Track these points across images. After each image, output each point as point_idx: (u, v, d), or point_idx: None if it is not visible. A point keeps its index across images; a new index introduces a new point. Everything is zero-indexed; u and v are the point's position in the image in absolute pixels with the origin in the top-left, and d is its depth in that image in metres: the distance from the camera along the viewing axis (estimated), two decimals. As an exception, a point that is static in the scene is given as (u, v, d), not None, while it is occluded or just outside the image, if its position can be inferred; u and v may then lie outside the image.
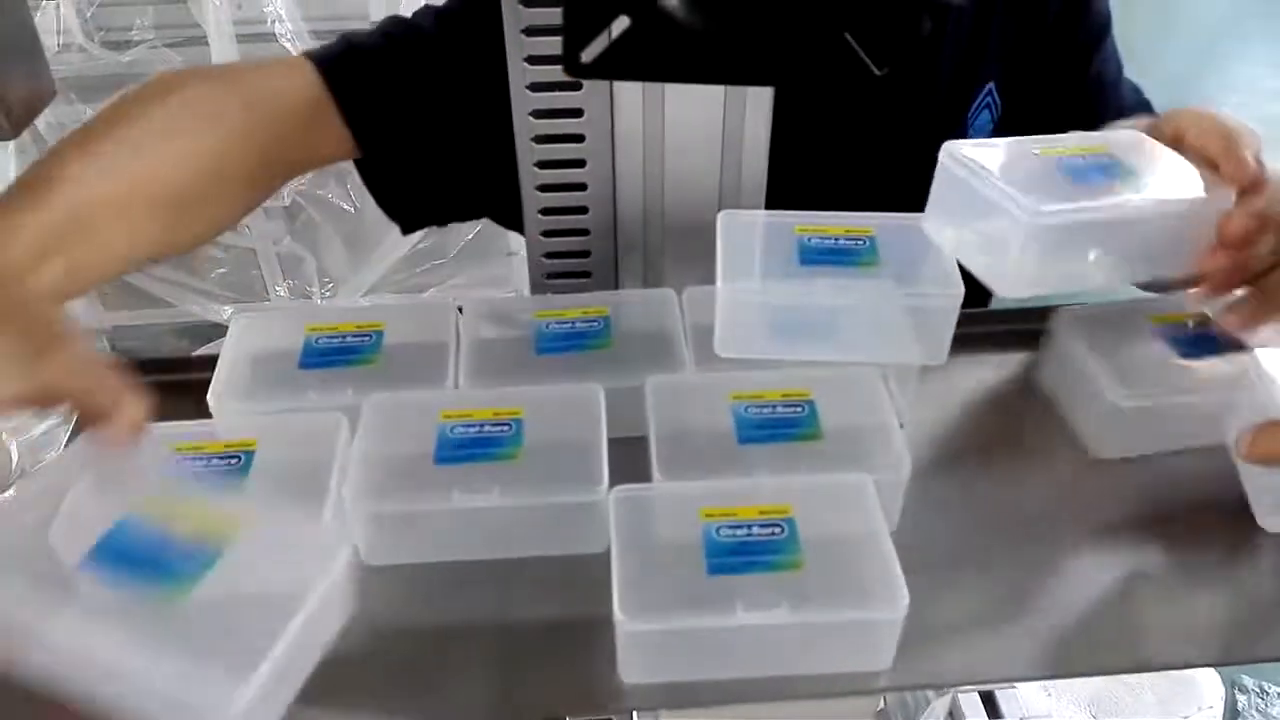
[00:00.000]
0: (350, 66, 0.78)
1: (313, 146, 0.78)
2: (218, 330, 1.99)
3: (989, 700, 0.98)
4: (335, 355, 0.69)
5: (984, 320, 0.77)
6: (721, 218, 0.65)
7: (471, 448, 0.62)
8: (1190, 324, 0.71)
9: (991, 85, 0.90)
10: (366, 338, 0.70)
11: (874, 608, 0.53)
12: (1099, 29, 0.92)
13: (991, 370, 0.76)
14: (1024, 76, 0.91)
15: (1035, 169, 0.61)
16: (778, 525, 0.57)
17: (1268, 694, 1.83)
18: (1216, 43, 4.44)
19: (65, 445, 0.63)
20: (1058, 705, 1.55)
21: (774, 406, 0.64)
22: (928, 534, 0.63)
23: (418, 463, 0.61)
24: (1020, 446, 0.70)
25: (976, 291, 0.65)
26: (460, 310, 0.72)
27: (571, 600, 0.59)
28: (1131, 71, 0.96)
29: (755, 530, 0.57)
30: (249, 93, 0.73)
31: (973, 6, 0.87)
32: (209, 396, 0.65)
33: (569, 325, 0.71)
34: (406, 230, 0.91)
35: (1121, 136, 0.66)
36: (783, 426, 0.63)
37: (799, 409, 0.64)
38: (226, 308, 1.99)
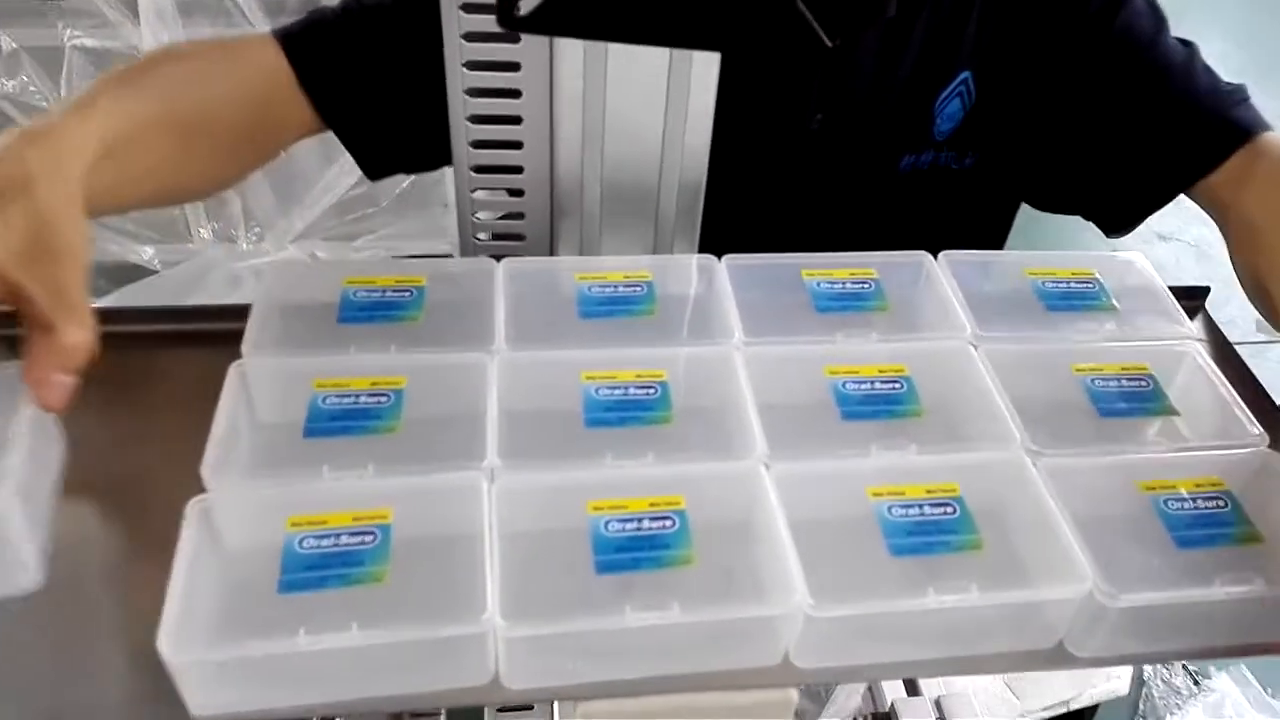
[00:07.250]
0: (312, 41, 0.80)
1: (283, 122, 0.80)
2: (138, 271, 1.91)
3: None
4: (376, 310, 0.67)
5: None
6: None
7: (345, 420, 0.59)
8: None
9: (968, 75, 0.88)
10: (407, 293, 0.68)
11: (769, 604, 0.51)
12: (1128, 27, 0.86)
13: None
14: (1008, 74, 0.88)
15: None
16: (668, 518, 0.54)
17: (1172, 664, 1.88)
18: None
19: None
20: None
21: (626, 388, 0.62)
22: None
23: (290, 433, 0.58)
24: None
25: None
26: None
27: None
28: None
29: (645, 524, 0.53)
30: (240, 66, 0.79)
31: None
32: (243, 346, 0.62)
33: (611, 289, 0.70)
34: (374, 177, 0.92)
35: None
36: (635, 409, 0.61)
37: (651, 390, 0.62)
38: (147, 248, 1.91)
